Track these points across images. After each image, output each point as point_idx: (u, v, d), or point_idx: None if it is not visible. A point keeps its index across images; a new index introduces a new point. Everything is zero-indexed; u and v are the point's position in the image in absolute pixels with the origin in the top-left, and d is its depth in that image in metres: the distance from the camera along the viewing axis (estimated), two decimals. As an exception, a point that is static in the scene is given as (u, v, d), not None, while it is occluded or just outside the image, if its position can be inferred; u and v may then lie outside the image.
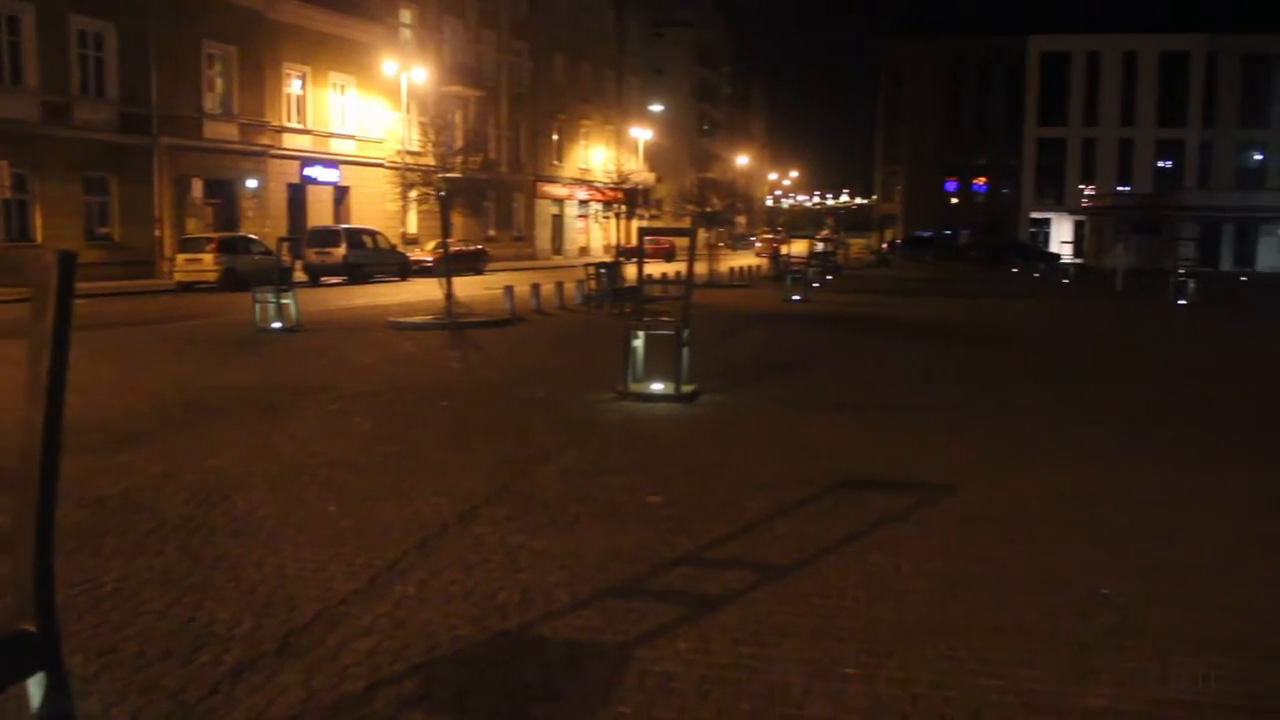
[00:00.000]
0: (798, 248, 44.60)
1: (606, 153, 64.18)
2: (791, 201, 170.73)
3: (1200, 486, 8.12)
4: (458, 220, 45.79)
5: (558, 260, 57.27)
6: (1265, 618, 5.32)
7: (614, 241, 48.28)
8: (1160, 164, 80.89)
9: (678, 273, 12.25)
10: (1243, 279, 49.71)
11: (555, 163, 63.25)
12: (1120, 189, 76.58)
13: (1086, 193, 77.92)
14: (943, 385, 13.66)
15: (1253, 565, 6.16)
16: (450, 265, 21.85)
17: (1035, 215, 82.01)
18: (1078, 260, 64.68)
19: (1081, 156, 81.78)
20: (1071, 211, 78.20)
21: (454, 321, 19.38)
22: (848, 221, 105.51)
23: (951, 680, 4.50)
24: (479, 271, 40.64)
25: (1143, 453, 9.42)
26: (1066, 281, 42.50)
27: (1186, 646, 4.93)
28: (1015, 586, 5.67)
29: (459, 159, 23.12)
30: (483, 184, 42.13)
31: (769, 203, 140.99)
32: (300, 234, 36.70)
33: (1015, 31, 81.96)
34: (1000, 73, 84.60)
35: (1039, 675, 4.57)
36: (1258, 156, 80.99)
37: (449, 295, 19.70)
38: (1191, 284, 29.97)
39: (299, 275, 28.52)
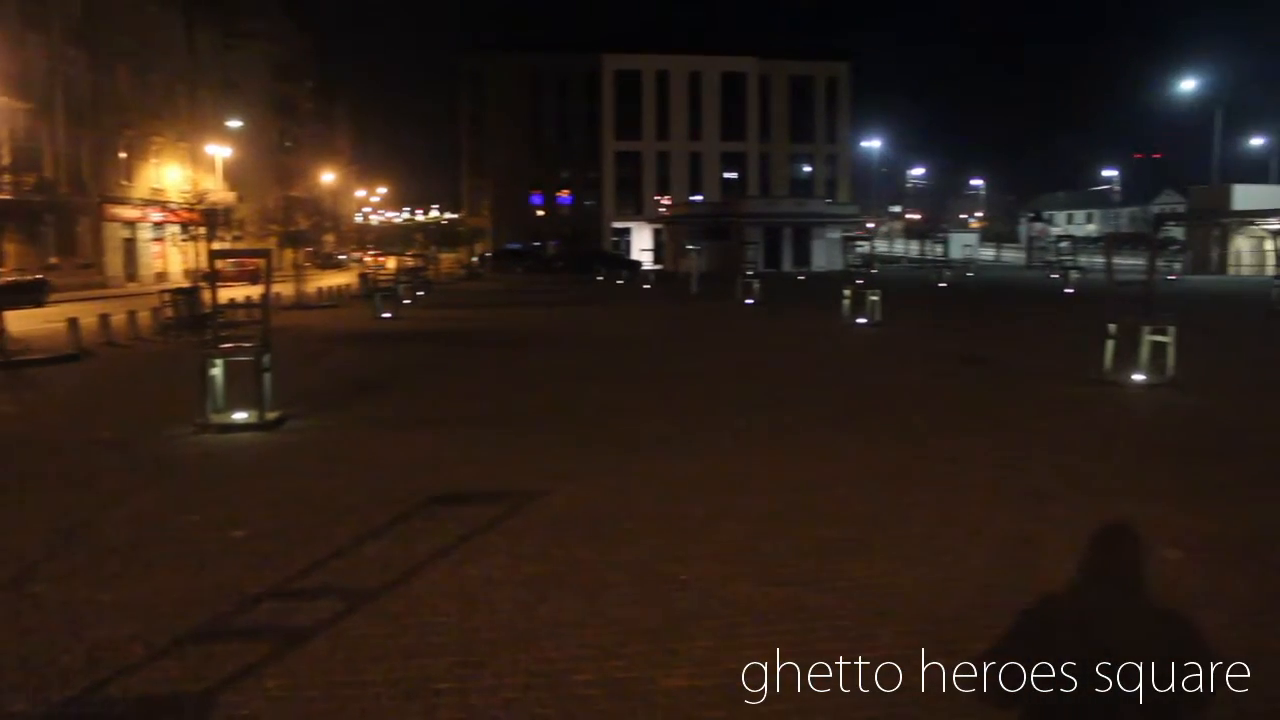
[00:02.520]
0: (389, 264, 44.13)
1: (182, 171, 60.36)
2: (381, 218, 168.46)
3: (758, 470, 8.85)
4: (10, 247, 41.57)
5: (133, 288, 53.18)
6: (811, 579, 5.91)
7: (193, 266, 45.73)
8: (726, 175, 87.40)
9: (263, 295, 11.79)
10: (800, 277, 54.50)
11: (124, 183, 58.62)
12: (693, 198, 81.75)
13: (663, 203, 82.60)
14: (532, 393, 13.99)
15: (799, 535, 6.80)
16: (2, 297, 19.79)
17: (617, 225, 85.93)
18: (658, 266, 68.25)
19: (656, 168, 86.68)
20: (650, 220, 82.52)
21: (8, 360, 17.55)
22: (438, 236, 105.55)
23: (543, 681, 4.65)
24: (39, 303, 36.85)
25: (713, 444, 10.12)
26: (647, 287, 44.75)
27: (754, 617, 5.38)
28: (602, 583, 5.94)
29: (6, 178, 21.04)
30: (38, 206, 38.50)
31: (358, 220, 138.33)
32: None
33: (590, 49, 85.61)
34: (578, 89, 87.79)
35: (624, 664, 4.83)
36: (806, 168, 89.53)
37: (1, 331, 17.84)
38: (757, 285, 32.47)
39: None
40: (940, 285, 41.35)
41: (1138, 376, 13.52)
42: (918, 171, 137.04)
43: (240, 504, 7.83)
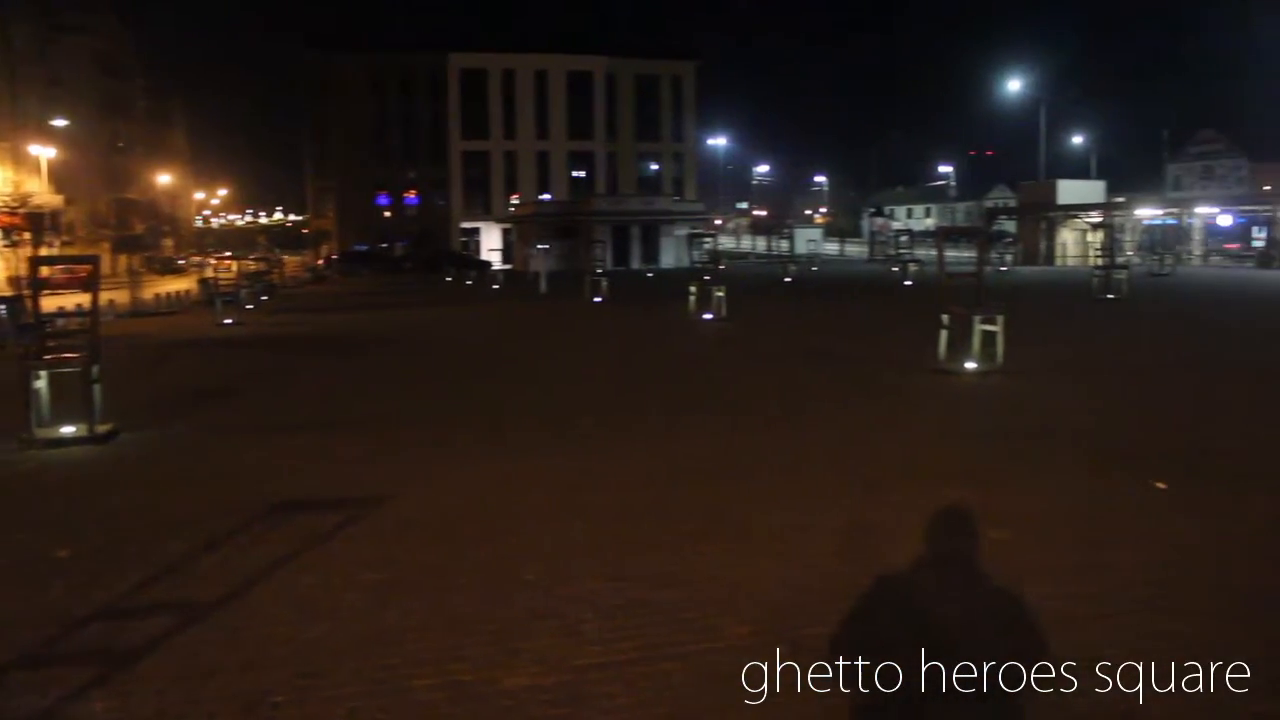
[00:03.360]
0: (233, 268, 42.74)
1: (3, 174, 57.50)
2: (223, 221, 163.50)
3: (605, 466, 8.93)
4: None
5: (-50, 297, 50.41)
6: (655, 574, 6.00)
7: (17, 272, 43.55)
8: (575, 174, 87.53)
9: (92, 303, 11.27)
10: (649, 275, 54.99)
11: (-64, 186, 55.63)
12: (541, 198, 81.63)
13: (512, 202, 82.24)
14: (380, 397, 13.80)
15: (645, 530, 6.89)
16: None
17: (466, 225, 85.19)
18: (507, 266, 67.93)
19: (504, 168, 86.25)
20: (499, 220, 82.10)
21: None
22: (283, 239, 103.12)
23: (384, 688, 4.61)
24: None
25: (561, 442, 10.16)
26: (496, 287, 44.39)
27: (597, 614, 5.43)
28: (447, 585, 5.90)
29: None
30: None
31: (198, 223, 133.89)
32: None
33: (436, 48, 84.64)
34: (424, 88, 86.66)
35: (467, 666, 4.82)
36: (654, 166, 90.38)
37: None
38: (604, 283, 32.63)
39: None
40: (786, 280, 42.20)
41: (970, 364, 14.07)
42: (763, 169, 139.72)
43: (68, 521, 7.52)
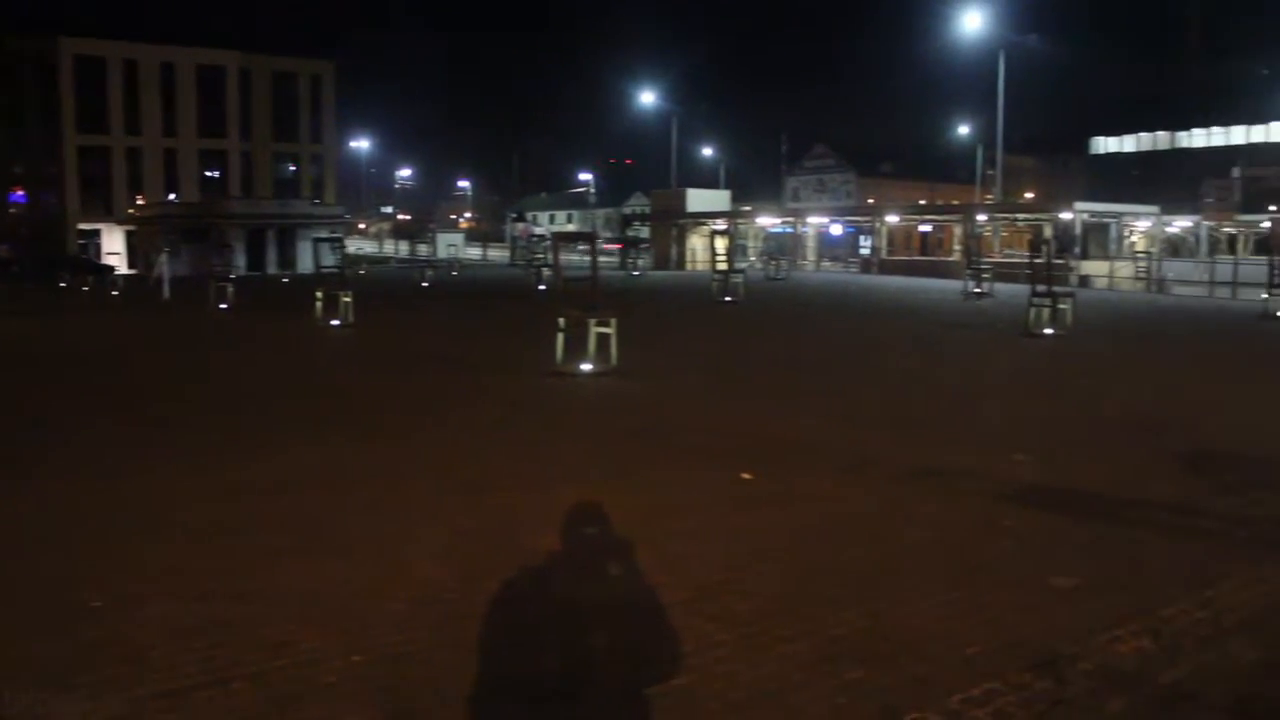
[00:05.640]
0: None
1: None
2: None
3: (200, 482, 8.52)
4: None
5: None
6: (238, 592, 5.81)
7: None
8: (207, 173, 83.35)
9: None
10: (284, 280, 53.22)
11: None
12: (169, 198, 77.13)
13: (137, 202, 77.18)
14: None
15: (236, 546, 6.68)
16: None
17: (84, 226, 79.08)
18: (131, 271, 63.63)
19: (127, 166, 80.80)
20: (121, 222, 76.80)
21: None
22: None
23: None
24: None
25: (150, 458, 9.59)
26: (116, 293, 41.42)
27: (168, 637, 5.19)
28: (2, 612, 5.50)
29: None
30: None
31: None
32: None
33: (46, 31, 78.03)
34: (32, 75, 79.75)
35: (13, 710, 4.51)
36: (291, 167, 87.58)
37: None
38: (231, 289, 31.26)
39: None
40: (423, 284, 42.03)
41: (585, 366, 14.61)
42: (406, 172, 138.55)
43: None
